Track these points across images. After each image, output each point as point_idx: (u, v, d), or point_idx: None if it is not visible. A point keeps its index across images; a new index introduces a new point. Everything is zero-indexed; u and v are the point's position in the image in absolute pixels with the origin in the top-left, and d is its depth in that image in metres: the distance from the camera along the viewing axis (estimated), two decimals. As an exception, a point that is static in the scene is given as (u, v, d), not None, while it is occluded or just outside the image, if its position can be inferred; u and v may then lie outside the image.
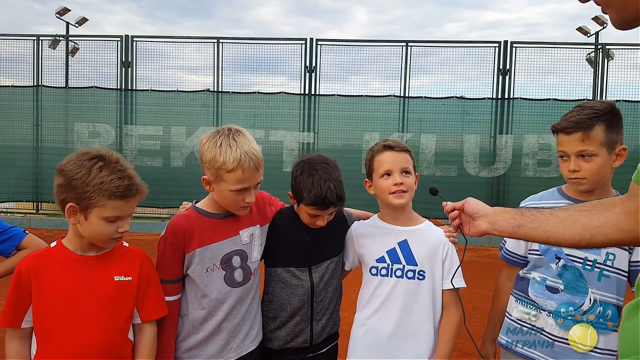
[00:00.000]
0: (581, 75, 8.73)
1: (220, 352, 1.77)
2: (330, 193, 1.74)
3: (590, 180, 1.67)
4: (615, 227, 1.11)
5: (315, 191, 1.74)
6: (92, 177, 1.48)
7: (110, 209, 1.50)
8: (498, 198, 8.47)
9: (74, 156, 1.54)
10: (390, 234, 1.85)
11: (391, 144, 1.85)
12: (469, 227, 1.38)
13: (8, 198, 9.40)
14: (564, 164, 1.73)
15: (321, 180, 1.75)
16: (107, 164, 1.52)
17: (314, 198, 1.74)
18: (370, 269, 1.86)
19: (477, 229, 1.35)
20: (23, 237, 1.97)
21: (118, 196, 1.50)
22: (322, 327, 1.90)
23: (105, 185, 1.48)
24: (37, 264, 1.54)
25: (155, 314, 1.65)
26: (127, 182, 1.52)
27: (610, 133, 1.64)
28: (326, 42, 9.04)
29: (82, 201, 1.49)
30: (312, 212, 1.80)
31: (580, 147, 1.65)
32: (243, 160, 1.61)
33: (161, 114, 8.92)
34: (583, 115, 1.65)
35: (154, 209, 9.05)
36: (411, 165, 1.84)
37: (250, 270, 1.81)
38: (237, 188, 1.65)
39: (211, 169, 1.66)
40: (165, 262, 1.71)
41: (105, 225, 1.51)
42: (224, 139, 1.65)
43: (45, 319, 1.52)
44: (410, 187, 1.81)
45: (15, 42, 9.39)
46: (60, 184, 1.52)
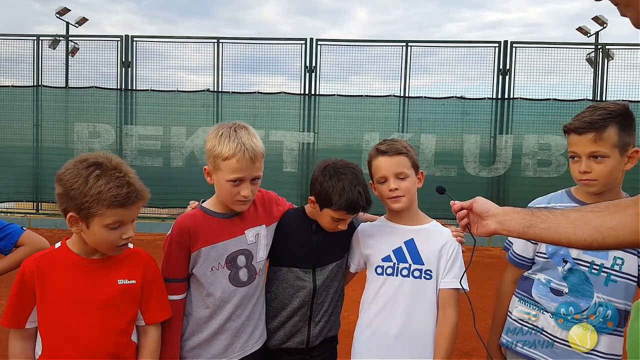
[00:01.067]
0: (581, 75, 8.74)
1: (224, 351, 1.77)
2: (361, 198, 1.76)
3: (601, 182, 1.63)
4: (628, 228, 1.09)
5: (346, 196, 1.74)
6: (89, 187, 1.45)
7: (111, 216, 1.48)
8: (498, 198, 8.45)
9: (71, 164, 1.51)
10: (396, 233, 1.84)
11: (384, 148, 1.83)
12: (477, 226, 1.36)
13: (8, 198, 9.39)
14: (574, 164, 1.70)
15: (351, 185, 1.75)
16: (105, 171, 1.48)
17: (346, 203, 1.74)
18: (376, 269, 1.84)
19: (485, 228, 1.33)
20: (21, 234, 1.96)
21: (117, 205, 1.48)
22: (320, 330, 1.90)
23: (103, 195, 1.45)
24: (42, 265, 1.53)
25: (159, 316, 1.65)
26: (125, 190, 1.49)
27: (623, 135, 1.61)
28: (326, 42, 9.04)
29: (81, 211, 1.47)
30: (339, 216, 1.79)
31: (593, 148, 1.62)
32: (238, 150, 1.64)
33: (161, 114, 8.91)
34: (596, 116, 1.62)
35: (154, 209, 9.05)
36: (407, 167, 1.81)
37: (256, 270, 1.81)
38: (232, 178, 1.65)
39: (210, 157, 1.71)
40: (171, 260, 1.72)
41: (108, 233, 1.50)
42: (225, 130, 1.69)
43: (49, 320, 1.52)
44: (408, 190, 1.79)
45: (15, 42, 9.39)
46: (60, 193, 1.50)
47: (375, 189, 1.87)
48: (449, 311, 1.76)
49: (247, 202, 1.74)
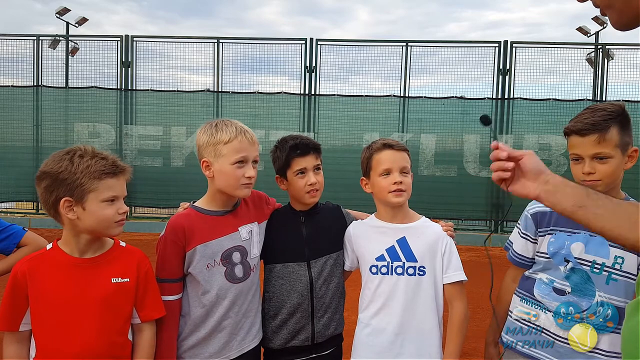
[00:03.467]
0: (581, 75, 8.74)
1: (222, 349, 1.78)
2: (303, 139, 1.91)
3: (604, 182, 1.64)
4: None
5: (291, 142, 1.89)
6: (76, 166, 1.49)
7: (105, 189, 1.51)
8: (498, 198, 8.46)
9: (49, 159, 1.54)
10: (388, 232, 1.86)
11: (391, 142, 1.87)
12: (517, 184, 1.19)
13: (8, 198, 9.39)
14: (577, 166, 1.70)
15: (291, 137, 1.93)
16: (85, 152, 1.54)
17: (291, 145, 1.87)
18: (370, 268, 1.86)
19: (527, 190, 1.16)
20: (23, 235, 1.97)
21: (108, 174, 1.52)
22: (324, 326, 1.90)
23: (92, 168, 1.50)
24: (33, 267, 1.52)
25: (154, 313, 1.65)
26: (111, 160, 1.55)
27: (624, 135, 1.62)
28: (326, 42, 9.04)
29: (75, 191, 1.48)
30: (298, 167, 1.86)
31: (597, 150, 1.62)
32: (239, 132, 1.74)
33: (161, 114, 8.91)
34: (598, 117, 1.62)
35: (154, 209, 9.06)
36: (409, 164, 1.86)
37: (250, 267, 1.84)
38: (237, 158, 1.72)
39: (209, 147, 1.75)
40: (166, 261, 1.72)
41: (105, 208, 1.52)
42: (218, 122, 1.79)
43: (43, 322, 1.51)
44: (409, 186, 1.83)
45: (15, 42, 9.39)
46: (47, 185, 1.50)
47: (370, 184, 1.89)
48: (455, 304, 1.81)
49: (250, 185, 1.78)
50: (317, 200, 1.95)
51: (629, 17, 0.86)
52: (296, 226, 1.94)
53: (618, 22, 0.87)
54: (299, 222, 1.94)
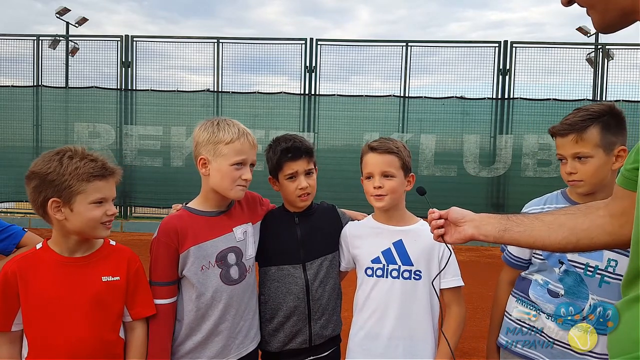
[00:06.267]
0: (581, 75, 8.73)
1: (220, 353, 1.76)
2: (296, 142, 1.87)
3: (587, 182, 1.65)
4: (601, 230, 1.10)
5: (282, 145, 1.86)
6: (65, 167, 1.49)
7: (93, 191, 1.51)
8: (498, 198, 8.47)
9: (39, 159, 1.54)
10: (384, 234, 1.85)
11: (375, 145, 1.83)
12: (453, 233, 1.37)
13: (8, 198, 9.38)
14: (562, 166, 1.73)
15: (284, 138, 1.90)
16: (75, 153, 1.53)
17: (282, 149, 1.85)
18: (366, 270, 1.85)
19: (462, 234, 1.34)
20: (22, 235, 1.97)
21: (97, 176, 1.51)
22: (322, 328, 1.89)
23: (81, 170, 1.49)
24: (23, 266, 1.52)
25: (146, 311, 1.64)
26: (100, 163, 1.54)
27: (607, 134, 1.63)
28: (326, 42, 9.04)
29: (63, 192, 1.48)
30: (290, 170, 1.84)
31: (575, 149, 1.65)
32: (241, 133, 1.73)
33: (161, 114, 8.90)
34: (578, 118, 1.66)
35: (154, 209, 9.06)
36: (395, 167, 1.80)
37: (246, 268, 1.81)
38: (237, 160, 1.70)
39: (209, 145, 1.73)
40: (159, 263, 1.70)
41: (93, 209, 1.51)
42: (220, 120, 1.77)
43: (34, 321, 1.50)
44: (392, 190, 1.79)
45: (15, 42, 9.38)
46: (36, 185, 1.50)
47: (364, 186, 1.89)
48: (454, 307, 1.81)
49: (245, 188, 1.77)
50: (309, 203, 1.93)
51: (610, 19, 0.86)
52: (290, 227, 1.91)
53: (600, 24, 0.88)
54: (293, 224, 1.91)
